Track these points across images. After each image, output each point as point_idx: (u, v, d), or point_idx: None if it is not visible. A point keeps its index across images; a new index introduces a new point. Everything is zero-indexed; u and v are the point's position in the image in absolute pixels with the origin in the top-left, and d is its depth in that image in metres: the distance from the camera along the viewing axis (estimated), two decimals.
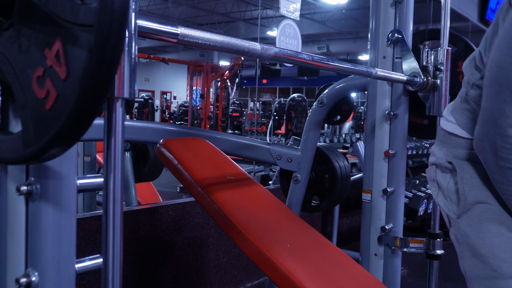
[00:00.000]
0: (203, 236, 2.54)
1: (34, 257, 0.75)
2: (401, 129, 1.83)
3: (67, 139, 0.56)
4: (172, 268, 2.38)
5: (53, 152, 0.58)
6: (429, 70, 1.75)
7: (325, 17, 12.14)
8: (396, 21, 1.79)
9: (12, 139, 0.60)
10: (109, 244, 0.69)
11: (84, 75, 0.51)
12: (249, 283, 2.80)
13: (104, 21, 0.50)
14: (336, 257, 1.42)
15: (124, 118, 0.67)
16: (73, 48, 0.52)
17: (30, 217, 0.75)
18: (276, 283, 1.26)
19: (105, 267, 0.70)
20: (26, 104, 0.58)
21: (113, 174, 0.68)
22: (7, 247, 0.77)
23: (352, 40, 14.15)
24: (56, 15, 0.53)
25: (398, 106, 1.81)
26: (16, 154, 0.59)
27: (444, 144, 1.07)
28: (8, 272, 0.77)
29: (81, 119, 0.54)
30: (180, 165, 1.47)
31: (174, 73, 17.75)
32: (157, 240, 2.30)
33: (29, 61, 0.57)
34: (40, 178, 0.72)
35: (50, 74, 0.55)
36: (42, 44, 0.55)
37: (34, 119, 0.57)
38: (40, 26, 0.55)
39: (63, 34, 0.53)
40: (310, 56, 1.21)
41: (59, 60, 0.54)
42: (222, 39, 0.95)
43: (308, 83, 19.38)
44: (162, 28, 0.82)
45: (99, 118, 0.98)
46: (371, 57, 1.84)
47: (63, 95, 0.54)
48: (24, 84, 0.57)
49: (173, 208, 2.39)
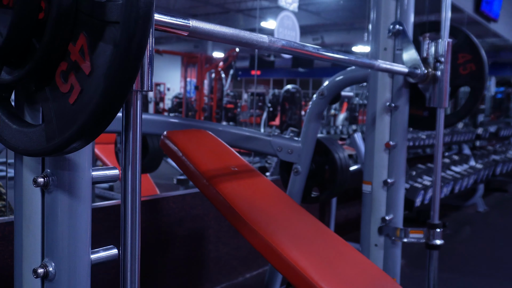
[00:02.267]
0: (203, 227, 2.56)
1: (51, 248, 0.76)
2: (402, 121, 1.85)
3: (90, 133, 0.57)
4: (172, 260, 2.40)
5: (76, 146, 0.59)
6: (430, 62, 1.76)
7: (320, 8, 12.11)
8: (397, 13, 1.81)
9: (35, 132, 0.61)
10: (127, 234, 0.70)
11: (110, 70, 0.52)
12: (248, 274, 2.83)
13: (131, 17, 0.51)
14: (340, 247, 1.44)
15: (141, 111, 0.68)
16: (98, 44, 0.53)
17: (46, 209, 0.76)
18: (281, 273, 1.28)
19: (124, 257, 0.71)
20: (49, 98, 0.58)
21: (131, 166, 0.69)
22: (23, 238, 0.78)
23: (347, 31, 14.12)
24: (81, 11, 0.54)
25: (398, 98, 1.83)
26: (39, 147, 0.60)
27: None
28: (24, 263, 0.78)
29: (105, 113, 0.55)
30: (184, 157, 1.48)
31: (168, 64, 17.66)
32: (157, 232, 2.32)
33: (53, 55, 0.57)
34: (57, 170, 0.73)
35: (74, 69, 0.56)
36: (66, 39, 0.56)
37: (57, 113, 0.58)
38: (65, 22, 0.56)
39: (88, 29, 0.54)
40: (316, 49, 1.22)
41: (83, 56, 0.55)
42: (232, 32, 0.96)
43: (302, 74, 19.35)
44: (174, 21, 0.83)
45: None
46: (372, 49, 1.85)
47: (87, 90, 0.55)
48: (47, 78, 0.58)
49: (174, 200, 2.40)
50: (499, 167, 4.83)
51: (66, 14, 0.54)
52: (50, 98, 0.58)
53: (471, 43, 1.89)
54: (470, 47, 1.89)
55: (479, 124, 6.56)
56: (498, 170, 4.81)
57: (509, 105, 12.64)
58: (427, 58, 1.76)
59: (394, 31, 1.78)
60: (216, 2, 12.41)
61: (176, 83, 18.34)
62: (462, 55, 1.88)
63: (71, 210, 0.75)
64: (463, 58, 1.89)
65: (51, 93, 0.58)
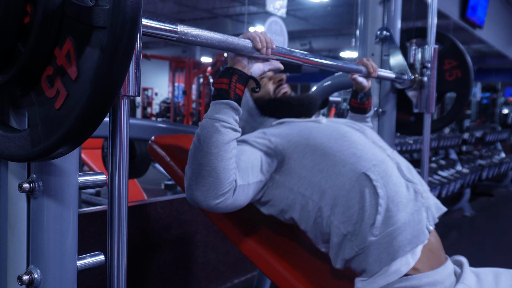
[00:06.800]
0: (191, 233, 2.54)
1: (36, 255, 0.75)
2: (389, 126, 1.86)
3: (76, 138, 0.57)
4: (160, 265, 2.38)
5: (62, 151, 0.58)
6: (416, 68, 1.78)
7: (308, 14, 12.17)
8: (384, 19, 1.82)
9: (20, 137, 0.60)
10: (114, 240, 0.70)
11: (96, 75, 0.52)
12: (237, 280, 2.82)
13: (117, 22, 0.51)
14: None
15: (129, 116, 0.68)
16: (84, 49, 0.53)
17: (32, 215, 0.75)
18: (270, 278, 1.28)
19: (111, 264, 0.70)
20: (34, 103, 0.58)
21: (118, 171, 0.68)
22: (8, 245, 0.77)
23: (335, 36, 14.21)
24: (67, 16, 0.54)
25: (386, 103, 1.84)
26: (24, 152, 0.60)
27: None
28: (9, 270, 0.77)
29: (92, 118, 0.55)
30: (172, 162, 1.47)
31: (156, 69, 17.60)
32: (144, 238, 2.30)
33: (38, 60, 0.57)
34: (42, 175, 0.72)
35: (60, 73, 0.55)
36: (52, 43, 0.55)
37: (42, 118, 0.57)
38: (51, 26, 0.55)
39: (75, 34, 0.54)
40: (304, 54, 1.23)
41: (69, 60, 0.54)
42: (220, 37, 0.96)
43: (291, 79, 19.41)
44: (162, 26, 0.83)
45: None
46: (360, 54, 1.87)
47: (73, 94, 0.54)
48: (33, 83, 0.58)
49: (161, 205, 2.39)
50: (485, 172, 4.88)
51: (52, 18, 0.54)
52: (35, 102, 0.58)
53: (457, 49, 1.91)
54: (456, 54, 1.91)
55: (465, 129, 6.63)
56: (484, 174, 4.86)
57: (494, 110, 12.79)
58: (414, 64, 1.78)
59: (382, 37, 1.80)
60: (204, 7, 12.41)
61: (164, 88, 18.28)
62: (448, 61, 1.90)
63: (57, 216, 0.74)
64: (449, 64, 1.91)
65: (37, 98, 0.58)
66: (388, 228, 1.08)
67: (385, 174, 1.15)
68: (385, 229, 1.08)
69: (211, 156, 1.06)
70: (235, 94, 1.09)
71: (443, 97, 2.02)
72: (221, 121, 1.07)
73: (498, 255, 3.39)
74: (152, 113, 15.23)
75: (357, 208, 1.11)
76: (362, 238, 1.09)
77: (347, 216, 1.12)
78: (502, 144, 7.24)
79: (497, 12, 8.01)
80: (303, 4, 11.06)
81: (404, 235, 1.09)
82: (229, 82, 1.09)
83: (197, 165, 1.08)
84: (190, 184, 1.10)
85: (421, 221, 1.13)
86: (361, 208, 1.11)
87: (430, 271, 1.09)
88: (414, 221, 1.12)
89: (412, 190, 1.17)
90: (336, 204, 1.13)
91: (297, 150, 1.19)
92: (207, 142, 1.06)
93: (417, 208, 1.14)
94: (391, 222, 1.09)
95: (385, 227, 1.09)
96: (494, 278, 1.16)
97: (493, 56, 12.47)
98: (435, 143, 4.98)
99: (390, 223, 1.09)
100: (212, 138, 1.06)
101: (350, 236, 1.11)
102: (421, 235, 1.11)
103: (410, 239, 1.09)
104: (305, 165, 1.17)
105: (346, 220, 1.12)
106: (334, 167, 1.16)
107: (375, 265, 1.08)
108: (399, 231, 1.09)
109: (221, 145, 1.07)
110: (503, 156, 5.85)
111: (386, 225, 1.09)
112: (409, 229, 1.10)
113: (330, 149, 1.18)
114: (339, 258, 1.14)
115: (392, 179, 1.15)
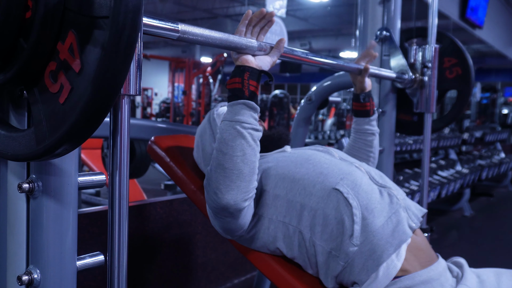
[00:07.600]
0: (191, 233, 2.54)
1: (36, 255, 0.74)
2: (389, 126, 1.85)
3: (80, 133, 0.56)
4: (160, 265, 2.38)
5: (66, 147, 0.58)
6: (417, 68, 1.77)
7: (308, 14, 12.17)
8: (384, 19, 1.82)
9: (24, 136, 0.60)
10: (115, 240, 0.69)
11: (100, 66, 0.51)
12: (236, 280, 2.81)
13: (120, 11, 0.50)
14: None
15: (129, 116, 0.67)
16: (88, 41, 0.52)
17: (31, 215, 0.74)
18: (269, 278, 1.27)
19: (111, 264, 0.70)
20: (38, 100, 0.57)
21: (118, 170, 0.68)
22: (7, 245, 0.76)
23: (334, 37, 14.22)
24: (68, 9, 0.53)
25: (386, 103, 1.84)
26: (28, 151, 0.59)
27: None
28: (9, 270, 0.76)
29: (97, 110, 0.54)
30: (172, 162, 1.47)
31: (155, 69, 17.60)
32: (144, 238, 2.30)
33: (41, 56, 0.56)
34: (42, 175, 0.72)
35: (64, 67, 0.55)
36: (55, 37, 0.55)
37: (47, 114, 0.57)
38: (52, 20, 0.55)
39: (77, 27, 0.53)
40: (304, 53, 1.22)
41: (73, 54, 0.54)
42: (221, 36, 0.96)
43: (290, 79, 19.42)
44: (163, 25, 0.82)
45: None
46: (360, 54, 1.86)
47: (77, 88, 0.54)
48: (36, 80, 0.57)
49: (161, 206, 2.38)
50: (485, 172, 4.88)
51: (54, 12, 0.53)
52: (39, 99, 0.57)
53: (456, 47, 1.91)
54: (456, 51, 1.91)
55: (465, 129, 6.62)
56: (484, 175, 4.85)
57: (494, 111, 12.79)
58: (414, 64, 1.77)
59: (381, 37, 1.79)
60: (204, 7, 12.41)
61: (163, 88, 18.28)
62: (448, 59, 1.90)
63: (57, 216, 0.74)
64: (449, 62, 1.91)
65: (40, 95, 0.57)
66: (367, 236, 1.09)
67: (354, 185, 1.16)
68: (365, 237, 1.10)
69: (237, 159, 1.06)
70: (250, 91, 1.09)
71: (444, 95, 2.02)
72: (241, 123, 1.07)
73: (498, 255, 3.39)
74: (152, 113, 15.22)
75: (335, 223, 1.12)
76: (345, 251, 1.10)
77: (328, 233, 1.13)
78: (502, 144, 7.24)
79: (497, 12, 8.01)
80: (303, 4, 11.05)
81: (385, 238, 1.10)
82: (242, 80, 1.08)
83: (222, 169, 1.07)
84: (219, 189, 1.09)
85: (401, 221, 1.14)
86: (338, 222, 1.12)
87: (422, 269, 1.09)
88: (393, 223, 1.13)
89: (386, 194, 1.19)
90: (314, 224, 1.14)
91: (268, 182, 1.22)
92: (230, 145, 1.06)
93: (394, 211, 1.15)
94: (369, 229, 1.10)
95: (365, 235, 1.10)
96: (495, 279, 1.16)
97: (493, 56, 12.47)
98: (435, 143, 4.97)
99: (368, 230, 1.10)
100: (235, 141, 1.06)
101: (335, 252, 1.12)
102: (403, 235, 1.12)
103: (391, 241, 1.10)
104: (278, 194, 1.20)
105: (327, 237, 1.13)
106: (305, 189, 1.18)
107: (363, 274, 1.09)
108: (379, 236, 1.09)
109: (245, 147, 1.07)
110: (502, 156, 5.85)
111: (365, 233, 1.10)
112: (389, 231, 1.11)
113: (297, 174, 1.21)
114: (329, 277, 1.15)
115: (362, 188, 1.17)
